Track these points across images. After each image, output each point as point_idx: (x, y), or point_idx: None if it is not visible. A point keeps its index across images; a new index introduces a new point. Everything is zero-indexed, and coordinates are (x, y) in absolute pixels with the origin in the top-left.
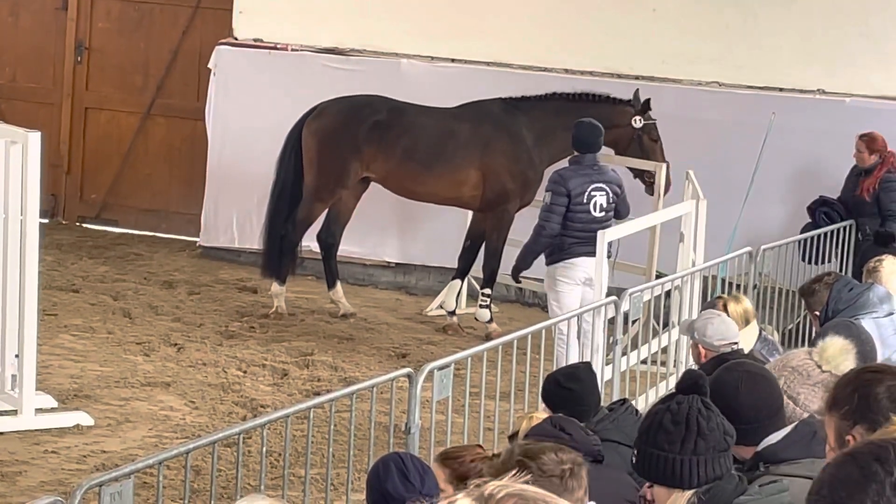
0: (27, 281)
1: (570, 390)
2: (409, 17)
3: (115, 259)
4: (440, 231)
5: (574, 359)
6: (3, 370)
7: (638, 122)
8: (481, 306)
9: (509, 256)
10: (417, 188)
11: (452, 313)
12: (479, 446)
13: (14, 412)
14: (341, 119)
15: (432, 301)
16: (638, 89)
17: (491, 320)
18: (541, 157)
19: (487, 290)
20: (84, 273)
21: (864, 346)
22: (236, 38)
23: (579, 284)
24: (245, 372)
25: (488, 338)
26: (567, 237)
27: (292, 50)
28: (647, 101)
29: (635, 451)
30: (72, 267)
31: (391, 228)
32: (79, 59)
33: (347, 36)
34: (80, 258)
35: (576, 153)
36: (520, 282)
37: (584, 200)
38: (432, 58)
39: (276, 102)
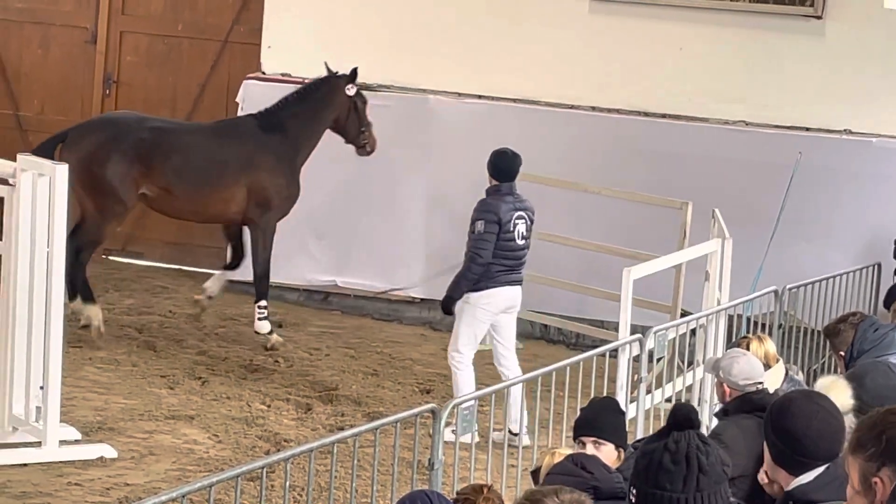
0: (53, 313)
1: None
2: (436, 54)
3: (141, 292)
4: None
5: (470, 385)
6: (28, 402)
7: (351, 89)
8: (259, 319)
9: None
10: (185, 207)
11: (209, 298)
12: (488, 486)
13: (38, 444)
14: (104, 139)
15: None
16: (325, 62)
17: (271, 332)
18: (297, 165)
19: (263, 303)
20: (109, 305)
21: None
22: (264, 73)
23: (495, 313)
24: (269, 406)
25: (272, 349)
26: (494, 265)
27: None
28: (355, 69)
29: (633, 491)
30: (97, 299)
31: (416, 264)
32: (107, 92)
33: (375, 71)
34: (105, 291)
35: (494, 182)
36: (451, 313)
37: (510, 228)
38: (459, 94)
39: None
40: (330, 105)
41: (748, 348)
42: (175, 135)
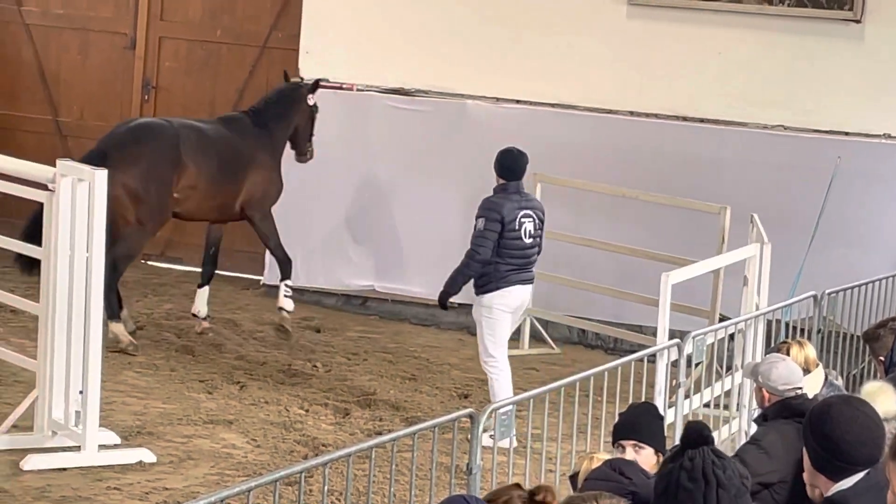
0: (92, 318)
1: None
2: (474, 59)
3: (179, 297)
4: None
5: (507, 388)
6: (68, 406)
7: (311, 99)
8: (286, 296)
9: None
10: (207, 204)
11: (207, 318)
12: (518, 485)
13: (77, 448)
14: (149, 150)
15: None
16: (285, 70)
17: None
18: (279, 160)
19: (289, 282)
20: (148, 310)
21: None
22: (302, 78)
23: (511, 312)
24: (307, 410)
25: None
26: (502, 265)
27: (357, 90)
28: (317, 80)
29: None
30: (136, 304)
31: (453, 268)
32: (146, 97)
33: (413, 76)
34: (144, 295)
35: (501, 180)
36: (447, 308)
37: (516, 227)
38: (497, 99)
39: (341, 142)
40: (297, 111)
41: (788, 353)
42: (197, 132)
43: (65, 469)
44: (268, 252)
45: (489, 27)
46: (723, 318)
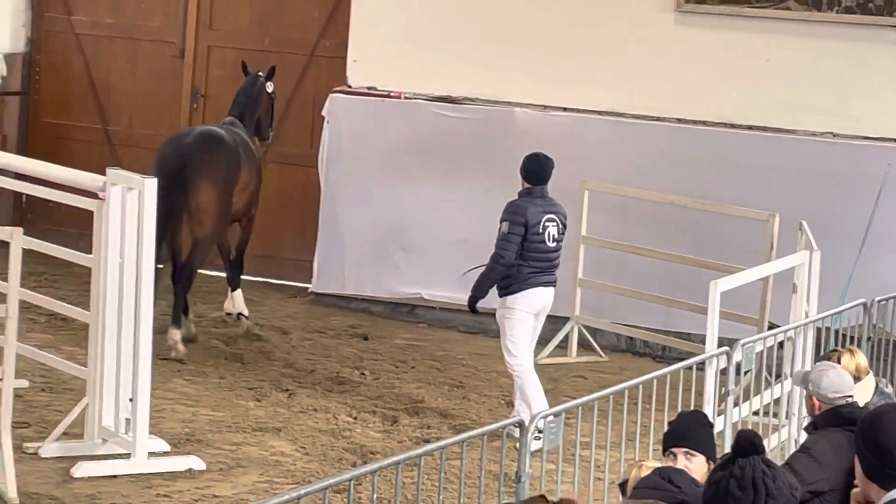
0: (142, 326)
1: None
2: (522, 66)
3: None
4: None
5: (536, 387)
6: (118, 414)
7: (270, 87)
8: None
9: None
10: (238, 207)
11: (242, 316)
12: (542, 496)
13: (127, 455)
14: (223, 158)
15: (544, 349)
16: (243, 61)
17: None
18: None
19: (240, 291)
20: (197, 318)
21: None
22: (350, 86)
23: (533, 315)
24: (355, 418)
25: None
26: (525, 267)
27: (405, 98)
28: (272, 67)
29: None
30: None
31: None
32: (194, 106)
33: (460, 84)
34: (193, 303)
35: (527, 185)
36: (477, 311)
37: (540, 230)
38: (545, 107)
39: (389, 150)
40: (261, 102)
41: (839, 361)
42: (238, 136)
43: (115, 476)
44: (316, 259)
45: (536, 35)
46: (771, 326)
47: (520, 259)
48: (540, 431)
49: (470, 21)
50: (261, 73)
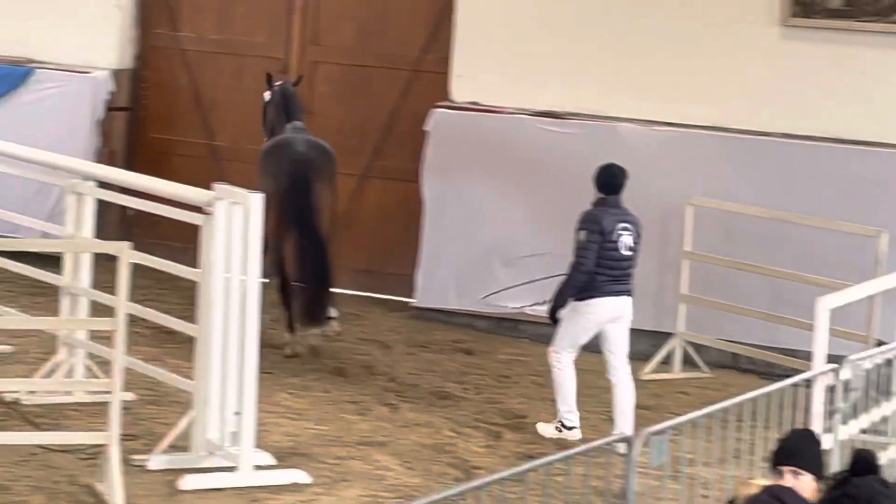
0: (247, 340)
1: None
2: (626, 81)
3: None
4: (653, 293)
5: (567, 385)
6: (223, 427)
7: (268, 96)
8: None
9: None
10: None
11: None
12: None
13: (233, 469)
14: (334, 159)
15: (647, 365)
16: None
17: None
18: None
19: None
20: (301, 333)
21: None
22: (453, 101)
23: (601, 323)
24: (458, 433)
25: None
26: (599, 275)
27: (508, 113)
28: (268, 73)
29: None
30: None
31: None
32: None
33: (564, 99)
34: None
35: (601, 195)
36: (556, 321)
37: (614, 238)
38: (649, 122)
39: (492, 165)
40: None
41: None
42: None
43: (221, 489)
44: (419, 274)
45: (640, 49)
46: (879, 343)
47: (595, 266)
48: (564, 426)
49: (573, 37)
50: (284, 81)
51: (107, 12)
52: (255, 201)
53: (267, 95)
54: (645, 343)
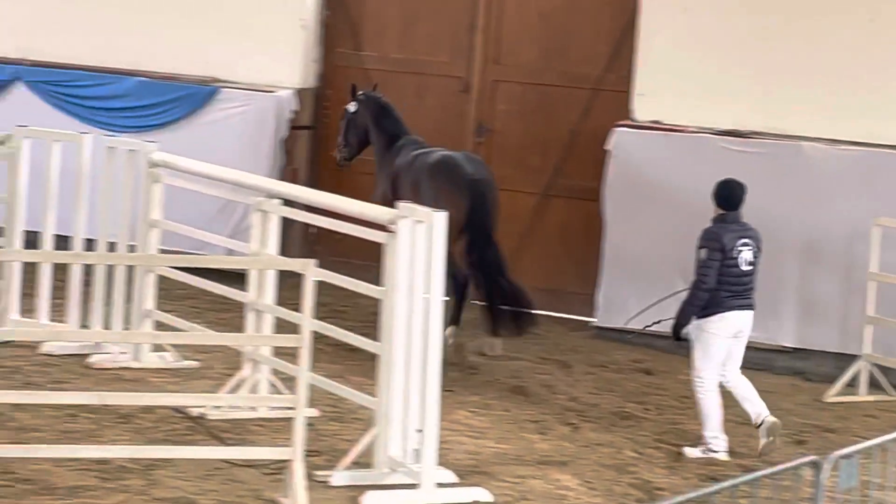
0: (430, 358)
1: None
2: (810, 99)
3: (512, 338)
4: (838, 315)
5: (713, 409)
6: (406, 444)
7: (352, 106)
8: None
9: None
10: None
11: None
12: None
13: (415, 486)
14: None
15: (832, 387)
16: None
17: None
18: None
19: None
20: (482, 351)
21: None
22: (635, 120)
23: (728, 338)
24: (640, 454)
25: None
26: (721, 291)
27: (691, 132)
28: (353, 84)
29: None
30: (469, 345)
31: (789, 313)
32: (480, 139)
33: (748, 118)
34: (477, 336)
35: (720, 211)
36: (680, 339)
37: (734, 255)
38: (834, 140)
39: (674, 184)
40: None
41: None
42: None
43: None
44: (600, 293)
45: (825, 67)
46: None
47: (716, 283)
48: (711, 450)
49: (756, 55)
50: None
51: (291, 32)
52: (439, 219)
53: (351, 107)
54: (830, 365)
